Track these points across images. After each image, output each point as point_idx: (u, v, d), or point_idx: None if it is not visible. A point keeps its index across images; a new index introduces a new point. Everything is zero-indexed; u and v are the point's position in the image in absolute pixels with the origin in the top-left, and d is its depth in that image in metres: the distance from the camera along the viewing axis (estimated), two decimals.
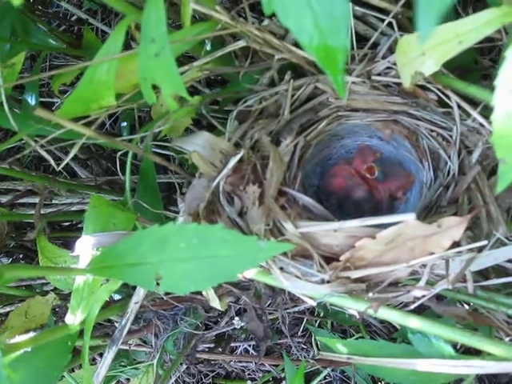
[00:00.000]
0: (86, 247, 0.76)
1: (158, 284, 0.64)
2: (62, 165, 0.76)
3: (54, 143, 0.88)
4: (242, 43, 0.72)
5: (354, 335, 1.32)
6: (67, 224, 1.38)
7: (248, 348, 1.41)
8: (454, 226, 0.68)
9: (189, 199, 0.74)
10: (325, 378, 1.38)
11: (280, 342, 1.36)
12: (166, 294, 0.93)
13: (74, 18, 1.50)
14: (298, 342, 1.39)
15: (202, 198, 0.73)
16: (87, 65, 0.66)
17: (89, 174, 1.38)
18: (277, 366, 1.41)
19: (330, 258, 0.73)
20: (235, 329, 1.26)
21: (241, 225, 0.74)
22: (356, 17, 0.86)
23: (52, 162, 0.76)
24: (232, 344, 1.39)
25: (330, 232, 0.70)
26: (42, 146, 0.74)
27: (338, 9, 0.45)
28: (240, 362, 1.41)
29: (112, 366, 1.23)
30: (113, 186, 1.15)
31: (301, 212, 0.75)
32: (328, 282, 0.72)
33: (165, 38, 0.58)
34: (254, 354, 1.39)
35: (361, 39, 0.87)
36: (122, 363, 1.25)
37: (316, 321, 1.33)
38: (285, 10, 0.46)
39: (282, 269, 0.73)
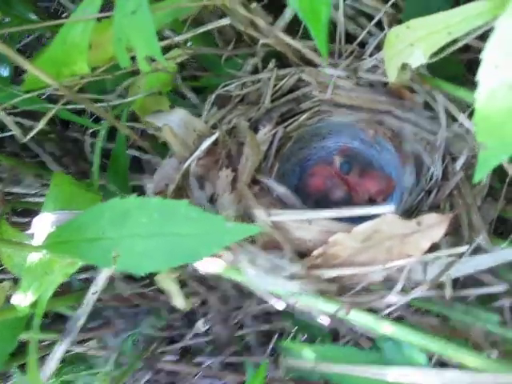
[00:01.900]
0: (43, 225, 0.72)
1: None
2: (30, 135, 0.71)
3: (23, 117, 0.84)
4: (226, 21, 0.69)
5: None
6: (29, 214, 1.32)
7: (212, 365, 1.34)
8: (434, 225, 0.65)
9: (157, 179, 0.70)
10: None
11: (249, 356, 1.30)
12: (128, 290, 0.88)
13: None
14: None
15: (171, 178, 0.69)
16: (63, 22, 0.63)
17: (63, 169, 1.33)
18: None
19: (302, 254, 0.69)
20: (201, 342, 1.21)
21: (210, 211, 0.70)
22: (347, 16, 0.84)
23: (17, 132, 0.71)
24: (198, 359, 1.33)
25: (304, 224, 0.67)
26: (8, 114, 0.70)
27: None
28: (204, 377, 1.34)
29: (69, 370, 1.17)
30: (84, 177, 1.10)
31: (274, 203, 0.71)
32: (298, 278, 0.68)
33: None
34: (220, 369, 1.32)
35: (351, 38, 0.85)
36: (81, 367, 1.19)
37: (287, 336, 1.28)
38: None
39: (250, 261, 0.69)
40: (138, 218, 0.59)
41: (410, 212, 0.77)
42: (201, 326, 0.96)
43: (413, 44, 0.67)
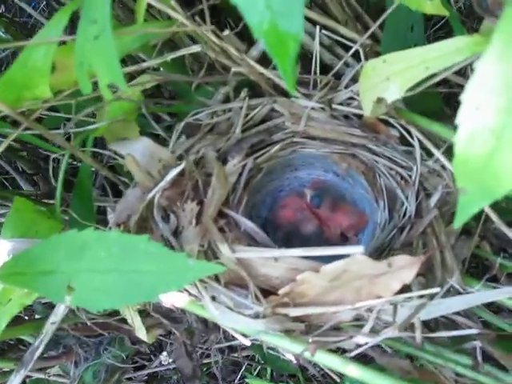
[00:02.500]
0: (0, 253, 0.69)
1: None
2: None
3: None
4: (196, 48, 0.67)
5: None
6: None
7: None
8: (405, 267, 0.63)
9: (119, 209, 0.67)
10: None
11: None
12: (90, 319, 0.85)
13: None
14: None
15: (134, 209, 0.66)
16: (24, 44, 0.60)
17: (34, 189, 1.30)
18: None
19: (268, 292, 0.67)
20: (169, 369, 1.18)
21: (174, 244, 0.67)
22: (323, 46, 0.82)
23: None
24: None
25: (270, 261, 0.64)
26: None
27: None
28: None
29: None
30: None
31: (241, 237, 0.69)
32: (263, 316, 0.65)
33: (107, 20, 0.52)
34: None
35: (327, 69, 0.83)
36: None
37: (255, 369, 1.25)
38: None
39: (213, 298, 0.66)
40: (97, 252, 0.56)
41: (381, 249, 0.75)
42: (164, 359, 0.93)
43: (389, 78, 0.65)
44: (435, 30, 1.13)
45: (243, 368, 1.24)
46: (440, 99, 0.88)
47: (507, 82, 0.43)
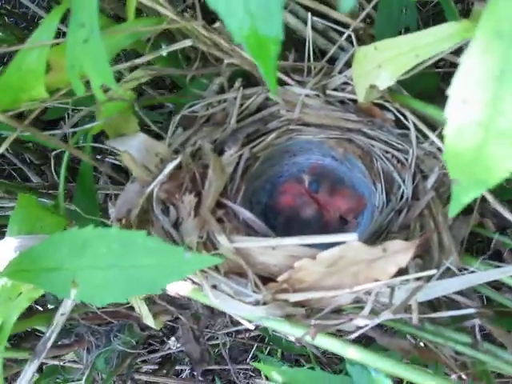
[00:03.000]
0: (7, 250, 0.71)
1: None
2: None
3: None
4: (188, 42, 0.67)
5: (304, 365, 1.27)
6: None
7: (194, 373, 1.34)
8: (400, 251, 0.64)
9: (119, 204, 0.68)
10: None
11: (228, 367, 1.30)
12: (100, 308, 0.87)
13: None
14: (247, 369, 1.33)
15: (134, 203, 0.68)
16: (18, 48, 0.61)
17: (42, 180, 1.32)
18: None
19: (267, 279, 0.68)
20: (181, 351, 1.20)
21: (175, 236, 0.69)
22: (316, 30, 0.82)
23: None
24: (177, 367, 1.32)
25: (268, 250, 0.66)
26: None
27: None
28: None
29: (45, 383, 1.16)
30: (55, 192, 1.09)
31: (239, 227, 0.70)
32: (264, 303, 0.67)
33: (95, 23, 0.53)
34: (201, 379, 1.32)
35: (321, 54, 0.83)
36: (57, 380, 1.18)
37: (266, 348, 1.27)
38: None
39: (214, 287, 0.68)
40: (98, 249, 0.58)
41: (380, 232, 0.76)
42: (172, 344, 0.95)
43: (380, 65, 0.65)
44: (430, 8, 1.11)
45: (254, 348, 1.27)
46: (437, 79, 0.87)
47: (492, 74, 0.43)
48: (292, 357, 1.27)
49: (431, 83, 0.86)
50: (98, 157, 0.95)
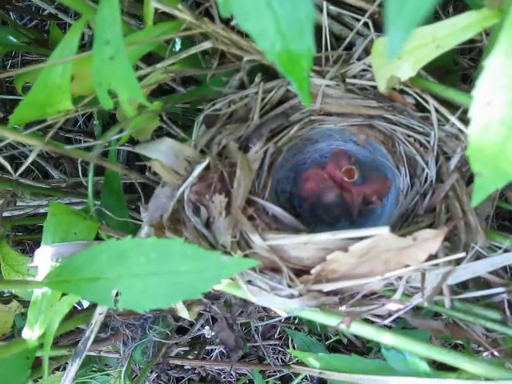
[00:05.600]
0: (44, 258, 0.73)
1: (116, 300, 0.61)
2: (20, 171, 0.71)
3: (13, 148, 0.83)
4: (207, 44, 0.68)
5: (331, 338, 1.30)
6: (34, 226, 1.33)
7: (224, 351, 1.37)
8: (430, 239, 0.65)
9: (151, 209, 0.70)
10: (302, 381, 1.35)
11: (257, 344, 1.33)
12: None
13: (46, 13, 1.43)
14: (275, 345, 1.36)
15: (165, 208, 0.69)
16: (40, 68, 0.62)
17: (61, 174, 1.34)
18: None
19: (300, 271, 0.70)
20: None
21: (207, 236, 0.70)
22: (331, 16, 0.82)
23: (9, 168, 0.71)
24: (207, 347, 1.35)
25: (300, 244, 0.67)
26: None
27: (301, 11, 0.41)
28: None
29: (82, 373, 1.20)
30: (80, 190, 1.10)
31: (270, 222, 0.71)
32: (299, 295, 0.69)
33: (120, 40, 0.53)
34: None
35: (336, 39, 0.83)
36: (93, 369, 1.21)
37: (293, 322, 1.30)
38: (244, 12, 0.42)
39: (249, 282, 0.69)
40: (136, 258, 0.59)
41: (406, 216, 0.77)
42: (207, 332, 0.98)
43: (401, 57, 0.66)
44: None
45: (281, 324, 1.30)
46: (454, 52, 0.87)
47: None
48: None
49: (448, 58, 0.85)
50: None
